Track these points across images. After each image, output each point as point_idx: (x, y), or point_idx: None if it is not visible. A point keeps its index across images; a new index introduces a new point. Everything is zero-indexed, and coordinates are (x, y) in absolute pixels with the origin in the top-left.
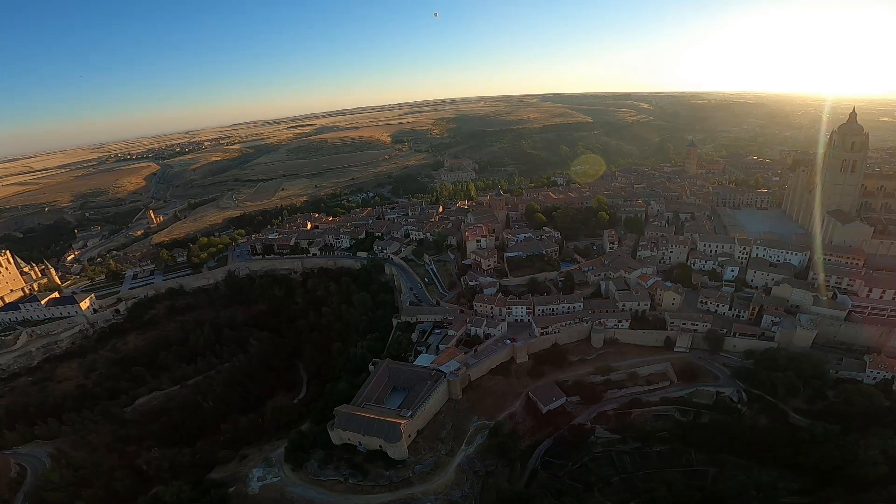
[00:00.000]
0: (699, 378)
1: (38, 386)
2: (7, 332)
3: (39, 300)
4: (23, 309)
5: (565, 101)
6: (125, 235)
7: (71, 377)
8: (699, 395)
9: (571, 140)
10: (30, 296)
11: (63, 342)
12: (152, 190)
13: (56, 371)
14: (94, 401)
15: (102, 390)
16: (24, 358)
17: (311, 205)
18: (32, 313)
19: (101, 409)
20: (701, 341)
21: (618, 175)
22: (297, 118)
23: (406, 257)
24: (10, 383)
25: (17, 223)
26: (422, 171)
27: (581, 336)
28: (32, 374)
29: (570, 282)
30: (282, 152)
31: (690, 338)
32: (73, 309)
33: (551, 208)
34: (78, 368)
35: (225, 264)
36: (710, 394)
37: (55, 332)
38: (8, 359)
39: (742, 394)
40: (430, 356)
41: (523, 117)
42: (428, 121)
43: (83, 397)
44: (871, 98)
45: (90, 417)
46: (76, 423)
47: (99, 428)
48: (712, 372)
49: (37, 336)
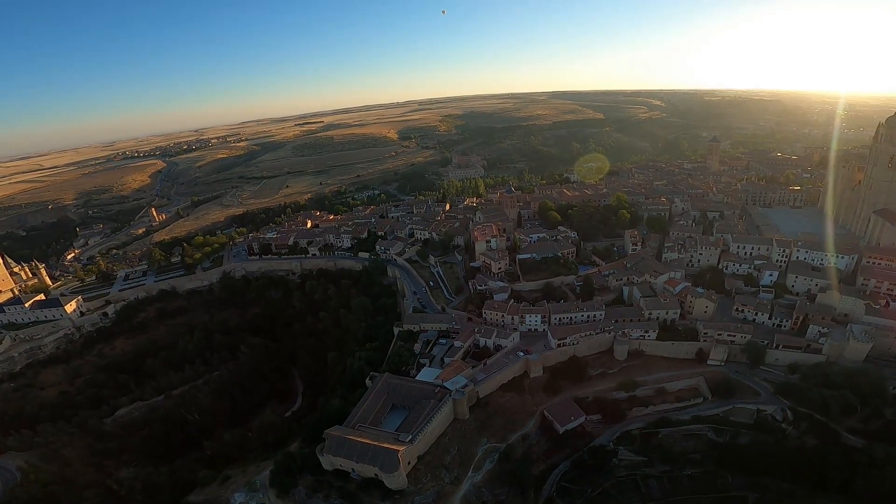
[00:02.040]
0: (737, 394)
1: (19, 392)
2: None
3: (24, 302)
4: (7, 312)
5: (575, 98)
6: (126, 234)
7: (54, 383)
8: (737, 413)
9: (582, 137)
10: (14, 298)
11: (47, 347)
12: (157, 187)
13: (39, 377)
14: (75, 409)
15: (84, 398)
16: (6, 363)
17: (316, 202)
18: (16, 316)
19: (78, 421)
20: (739, 354)
21: (634, 172)
22: (306, 115)
23: (410, 258)
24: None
25: (21, 221)
26: (429, 168)
27: (602, 348)
28: (14, 380)
29: (589, 287)
30: (287, 149)
31: (727, 350)
32: (59, 312)
33: (566, 206)
34: (62, 374)
35: (220, 265)
36: (749, 412)
37: (39, 336)
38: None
39: (787, 412)
40: (434, 370)
41: (532, 114)
42: (436, 117)
43: (63, 406)
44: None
45: (66, 429)
46: (51, 434)
47: (74, 441)
48: (752, 388)
49: (20, 340)
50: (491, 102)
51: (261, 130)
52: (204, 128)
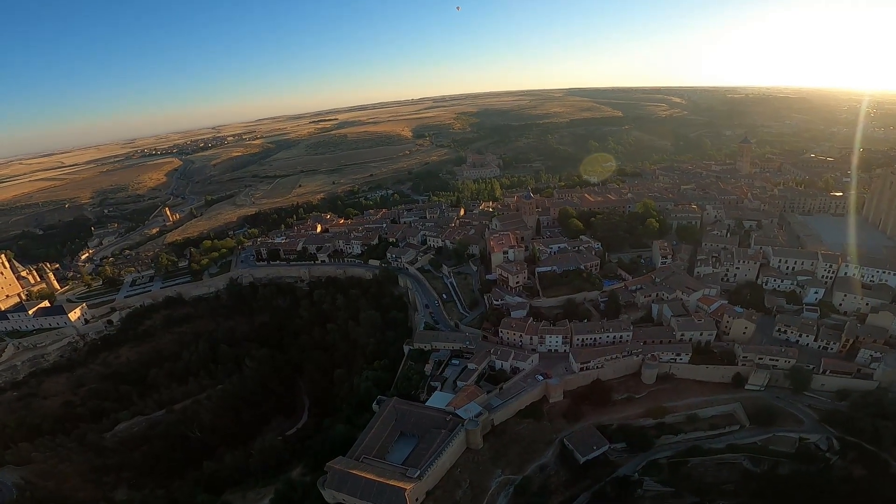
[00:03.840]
0: (777, 422)
1: (22, 402)
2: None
3: (27, 309)
4: (10, 319)
5: (592, 95)
6: (140, 233)
7: (58, 393)
8: (777, 442)
9: (601, 135)
10: (19, 305)
11: (51, 355)
12: (172, 186)
13: (42, 386)
14: (76, 422)
15: (86, 410)
16: (8, 372)
17: (328, 202)
18: (20, 324)
19: (78, 435)
20: (781, 379)
21: (658, 174)
22: (320, 113)
23: (422, 268)
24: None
25: (38, 219)
26: (443, 166)
27: (629, 371)
28: (17, 389)
29: (615, 304)
30: (301, 147)
31: (768, 375)
32: (63, 320)
33: (589, 213)
34: (66, 384)
35: (228, 270)
36: (790, 440)
37: (43, 344)
38: None
39: (833, 441)
40: (446, 395)
41: (549, 111)
42: (450, 115)
43: (65, 418)
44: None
45: (65, 443)
46: (50, 448)
47: (73, 456)
48: (795, 415)
49: (23, 348)
50: (506, 100)
51: (276, 128)
52: (222, 125)
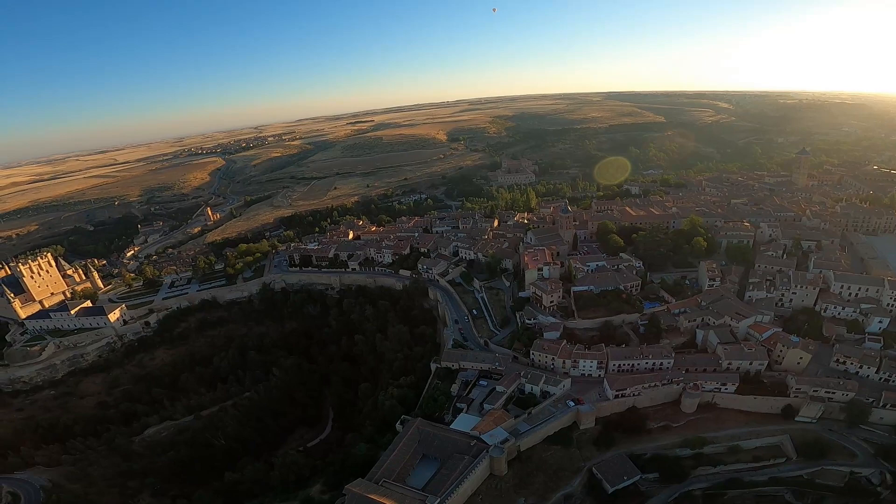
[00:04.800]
0: (828, 455)
1: (59, 401)
2: (35, 342)
3: (70, 309)
4: (53, 318)
5: (633, 99)
6: (183, 232)
7: (93, 393)
8: (825, 476)
9: (641, 141)
10: (61, 304)
11: (90, 355)
12: (214, 186)
13: (79, 386)
14: (107, 424)
15: (118, 413)
16: (48, 370)
17: (362, 206)
18: (62, 322)
19: (107, 439)
20: (836, 411)
21: (706, 185)
22: (357, 114)
23: (453, 280)
24: (32, 396)
25: (89, 216)
26: (477, 171)
27: (667, 398)
28: (55, 388)
29: (656, 327)
30: (337, 149)
31: (822, 407)
32: (102, 320)
33: (630, 229)
34: (101, 384)
35: (261, 275)
36: (840, 474)
37: (83, 343)
38: (31, 371)
39: (886, 475)
40: (472, 418)
41: (587, 116)
42: (485, 118)
43: (96, 420)
44: None
45: (95, 446)
46: (80, 451)
47: (101, 460)
48: (847, 448)
49: (64, 348)
50: (543, 103)
51: (315, 129)
52: (264, 125)
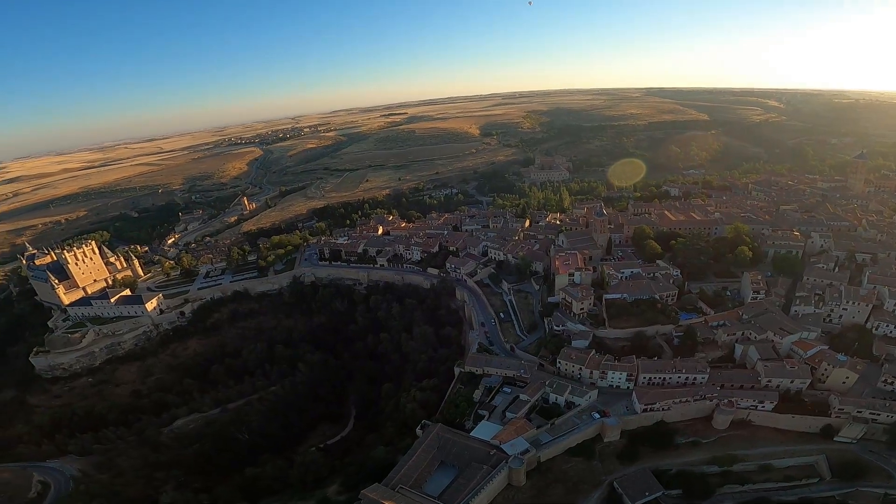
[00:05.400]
0: (865, 477)
1: (96, 388)
2: (75, 329)
3: (110, 297)
4: (94, 305)
5: (674, 96)
6: (221, 221)
7: (128, 381)
8: (858, 497)
9: (683, 140)
10: (102, 292)
11: (126, 343)
12: (251, 175)
13: (116, 374)
14: (139, 414)
15: (150, 403)
16: (87, 358)
17: (393, 199)
18: (102, 310)
19: (138, 429)
20: (879, 432)
21: (752, 189)
22: (391, 106)
23: (481, 281)
24: (71, 383)
25: (134, 203)
26: (510, 167)
27: (699, 414)
28: (93, 375)
29: (691, 340)
30: (370, 142)
31: (864, 428)
32: (140, 309)
33: (668, 234)
34: (136, 372)
35: (292, 268)
36: (874, 496)
37: (121, 331)
38: (71, 358)
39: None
40: (493, 426)
41: (625, 112)
42: (519, 113)
43: (129, 410)
44: None
45: (125, 436)
46: (111, 441)
47: (131, 450)
48: (886, 470)
49: (102, 335)
50: (579, 98)
51: (349, 120)
52: (301, 115)
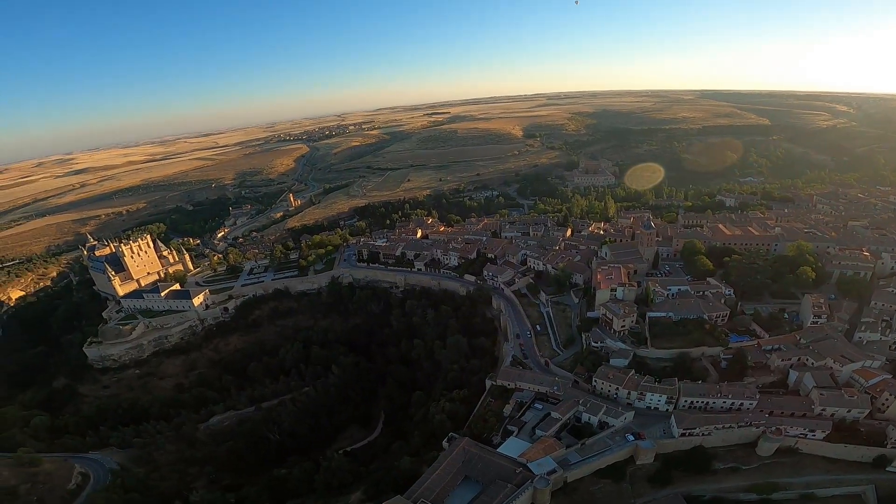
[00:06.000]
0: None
1: (142, 380)
2: (127, 321)
3: (160, 291)
4: (145, 298)
5: (731, 99)
6: (267, 217)
7: (172, 374)
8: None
9: (741, 145)
10: (153, 286)
11: (173, 337)
12: (298, 172)
13: (161, 366)
14: (179, 409)
15: (191, 398)
16: (135, 350)
17: (433, 199)
18: (153, 304)
19: (176, 424)
20: None
21: (817, 201)
22: (435, 105)
23: (519, 290)
24: (119, 374)
25: (189, 196)
26: (553, 170)
27: (742, 440)
28: (140, 367)
29: (740, 363)
30: (413, 141)
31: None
32: (188, 304)
33: (721, 250)
34: (181, 365)
35: (331, 268)
36: None
37: (168, 325)
38: (121, 349)
39: None
40: (521, 443)
41: (676, 116)
42: (563, 114)
43: (170, 404)
44: None
45: (165, 431)
46: (150, 435)
47: (168, 445)
48: None
49: (152, 328)
50: (627, 100)
51: (393, 119)
52: (346, 113)
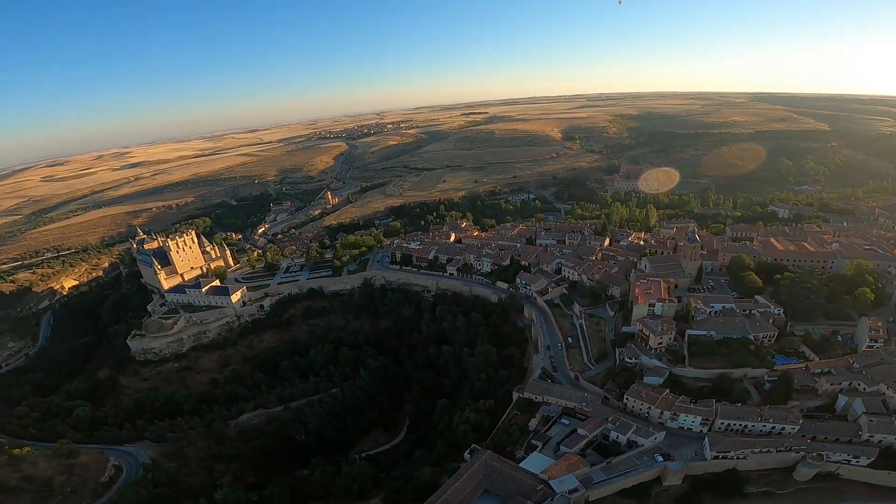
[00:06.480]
0: None
1: (180, 374)
2: (169, 315)
3: (202, 286)
4: (187, 293)
5: (787, 102)
6: (306, 214)
7: (208, 369)
8: None
9: (796, 151)
10: (195, 281)
11: (211, 332)
12: (336, 170)
13: (199, 361)
14: (212, 404)
15: (223, 394)
16: (175, 344)
17: (468, 201)
18: (194, 299)
19: (208, 420)
20: None
21: (879, 215)
22: (472, 104)
23: (551, 301)
24: (159, 367)
25: (234, 192)
26: (592, 174)
27: (779, 465)
28: (179, 361)
29: (786, 386)
30: (450, 141)
31: None
32: (226, 300)
33: (772, 266)
34: (216, 361)
35: (364, 269)
36: None
37: (207, 321)
38: (162, 343)
39: None
40: (545, 458)
41: (726, 119)
42: (605, 116)
43: (203, 399)
44: None
45: (197, 426)
46: (183, 430)
47: (199, 441)
48: None
49: (192, 323)
50: (673, 102)
51: (430, 118)
52: (385, 111)
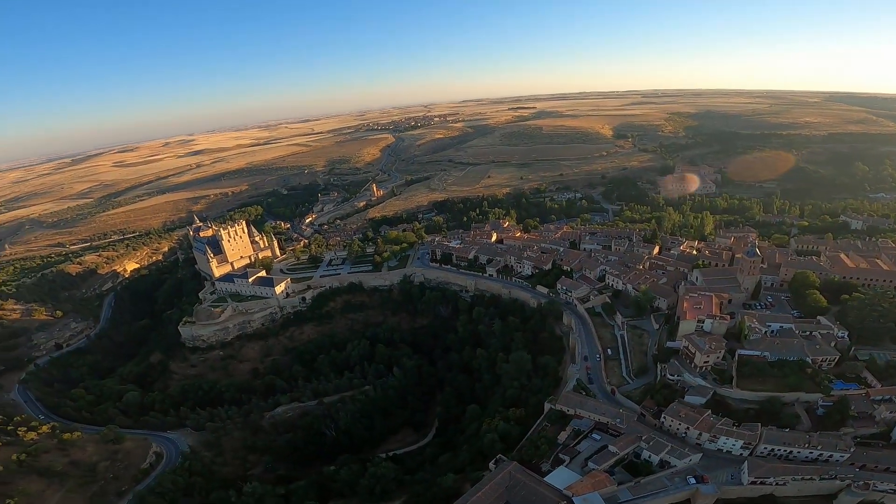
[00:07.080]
0: None
1: (224, 362)
2: (218, 304)
3: (249, 277)
4: (235, 282)
5: (866, 103)
6: (351, 205)
7: (251, 359)
8: None
9: (875, 156)
10: (242, 271)
11: (255, 322)
12: (382, 162)
13: (242, 350)
14: (250, 395)
15: (262, 385)
16: (222, 332)
17: (513, 198)
18: (241, 288)
19: (245, 411)
20: None
21: None
22: (520, 98)
23: (593, 309)
24: (206, 354)
25: (285, 181)
26: (644, 174)
27: (820, 492)
28: (224, 350)
29: (841, 413)
30: (496, 136)
31: None
32: (270, 291)
33: (840, 285)
34: (259, 350)
35: (404, 266)
36: None
37: (252, 311)
38: (210, 331)
39: None
40: (571, 474)
41: (796, 120)
42: (660, 114)
43: (243, 389)
44: None
45: (235, 416)
46: (222, 420)
47: (235, 431)
48: None
49: (238, 312)
50: (736, 101)
51: (477, 112)
52: (432, 103)
